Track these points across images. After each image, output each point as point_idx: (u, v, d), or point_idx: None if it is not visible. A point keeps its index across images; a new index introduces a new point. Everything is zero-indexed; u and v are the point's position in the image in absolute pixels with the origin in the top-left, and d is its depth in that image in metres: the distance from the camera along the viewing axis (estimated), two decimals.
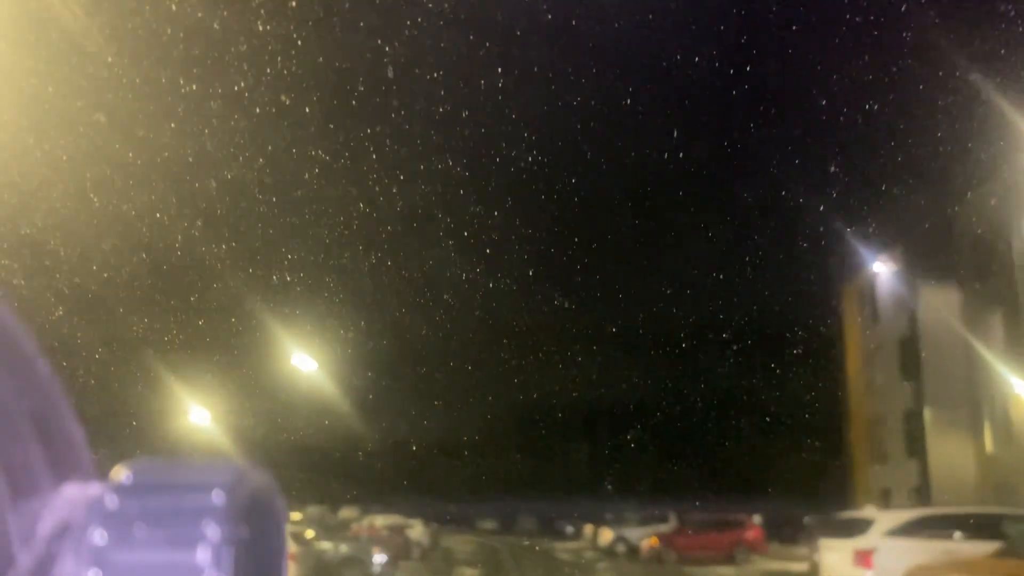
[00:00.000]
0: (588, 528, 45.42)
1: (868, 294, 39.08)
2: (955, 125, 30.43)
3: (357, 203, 36.31)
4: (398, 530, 35.02)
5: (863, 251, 38.39)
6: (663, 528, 36.81)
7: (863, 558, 12.84)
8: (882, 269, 37.38)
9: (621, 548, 37.89)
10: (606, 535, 39.13)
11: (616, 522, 42.04)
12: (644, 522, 38.81)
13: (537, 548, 42.42)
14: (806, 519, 47.75)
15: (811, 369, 50.47)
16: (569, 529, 57.46)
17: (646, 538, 35.43)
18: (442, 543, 41.71)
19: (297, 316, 34.49)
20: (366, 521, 38.81)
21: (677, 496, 47.14)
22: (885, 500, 36.99)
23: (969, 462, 31.76)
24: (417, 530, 37.07)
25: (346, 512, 45.16)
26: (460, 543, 45.02)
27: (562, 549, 42.94)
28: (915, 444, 34.01)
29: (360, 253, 39.98)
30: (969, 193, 31.37)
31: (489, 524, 63.55)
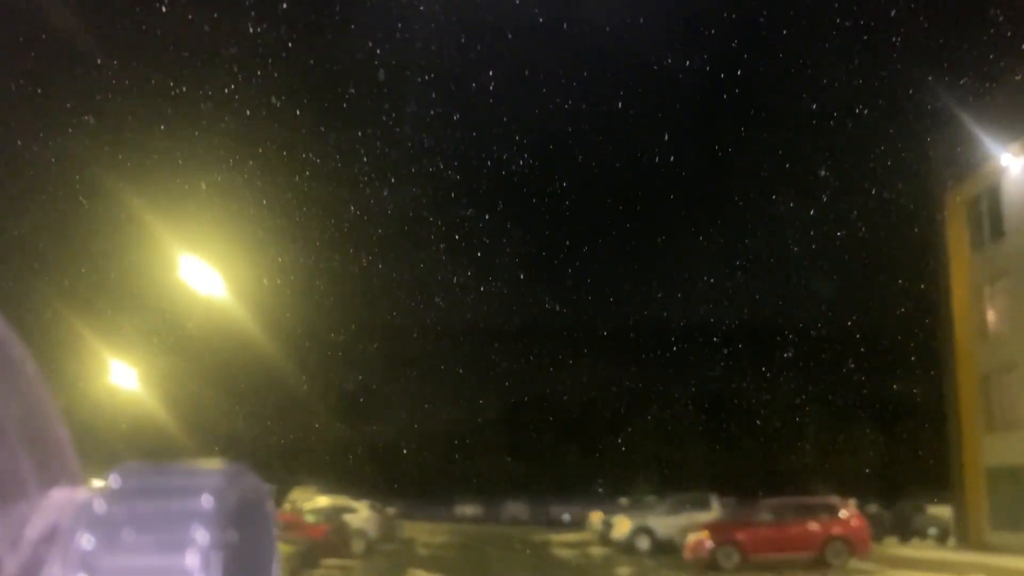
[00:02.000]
0: (595, 516, 35.24)
1: (986, 201, 28.66)
2: None
3: (348, 205, 36.72)
4: (332, 516, 24.55)
5: (975, 145, 28.02)
6: (702, 517, 26.65)
7: None
8: (1013, 163, 26.96)
9: (644, 543, 27.94)
10: (622, 525, 28.86)
11: (635, 508, 31.87)
12: (675, 509, 28.60)
13: (529, 548, 32.02)
14: (872, 508, 38.02)
15: (879, 318, 41.25)
16: (566, 517, 47.97)
17: (681, 529, 25.25)
18: (402, 533, 31.98)
19: (288, 318, 34.05)
20: (299, 505, 28.74)
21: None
22: (1016, 482, 26.64)
23: None
24: (361, 515, 26.77)
25: (296, 493, 36.68)
26: (427, 533, 35.95)
27: (560, 542, 33.24)
28: None
29: (351, 255, 40.07)
30: None
31: (469, 510, 53.54)
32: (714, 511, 27.97)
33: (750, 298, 62.32)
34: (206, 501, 0.44)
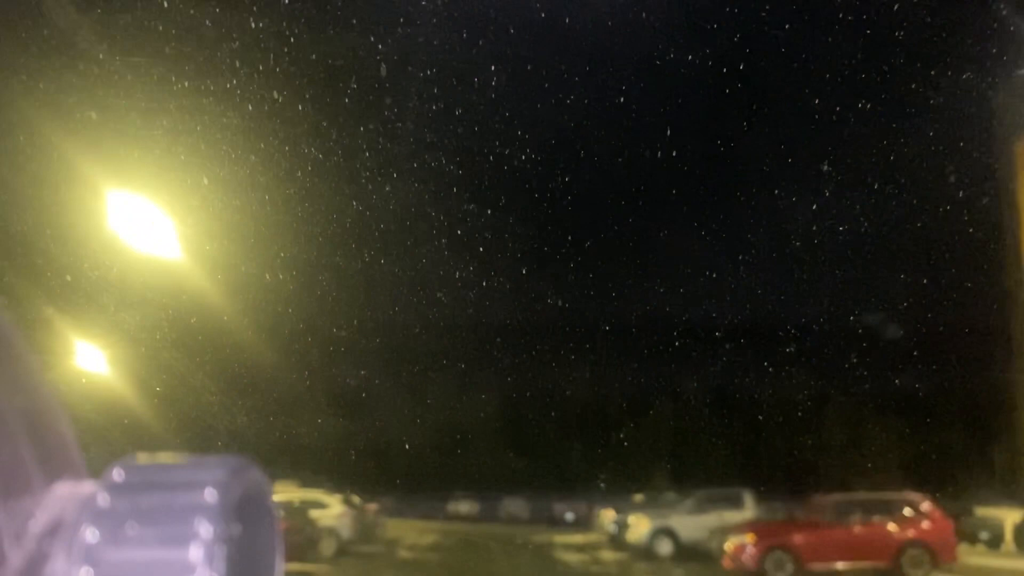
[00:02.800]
0: (606, 514, 31.14)
1: None
2: None
3: (350, 201, 35.68)
4: (295, 512, 20.53)
5: None
6: (733, 516, 22.73)
7: None
8: None
9: (665, 547, 23.82)
10: (640, 525, 24.78)
11: (652, 506, 27.77)
12: (702, 507, 24.52)
13: (530, 549, 28.06)
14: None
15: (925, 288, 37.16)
16: (569, 516, 44.13)
17: (709, 531, 21.28)
18: (385, 533, 28.19)
19: (290, 314, 32.42)
20: None
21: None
22: None
23: None
24: (333, 511, 22.75)
25: (278, 486, 33.73)
26: (416, 533, 32.13)
27: (565, 544, 29.35)
28: None
29: (353, 251, 39.57)
30: None
31: (464, 508, 49.77)
32: (747, 510, 23.92)
33: (768, 291, 59.47)
34: (209, 495, 0.44)
